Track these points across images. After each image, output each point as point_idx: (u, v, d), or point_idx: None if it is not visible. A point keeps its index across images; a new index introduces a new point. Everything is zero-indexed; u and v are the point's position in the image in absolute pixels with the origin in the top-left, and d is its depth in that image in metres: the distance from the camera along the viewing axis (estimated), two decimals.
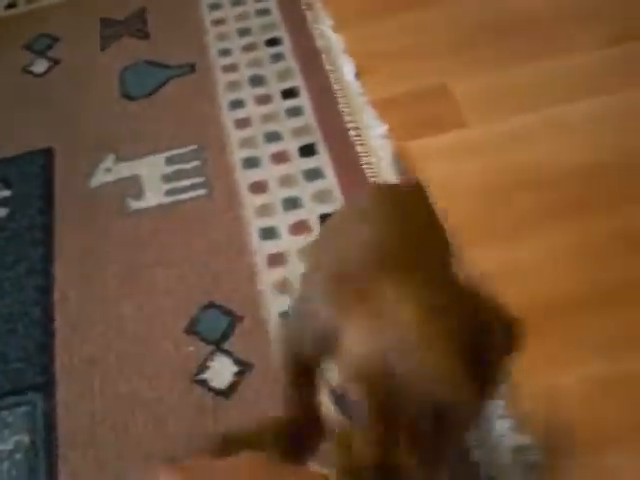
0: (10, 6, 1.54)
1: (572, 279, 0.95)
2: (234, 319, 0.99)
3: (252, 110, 1.23)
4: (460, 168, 1.10)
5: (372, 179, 1.10)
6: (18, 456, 0.94)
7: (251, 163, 1.16)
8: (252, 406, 0.91)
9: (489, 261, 0.93)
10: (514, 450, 0.82)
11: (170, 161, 1.19)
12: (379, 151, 1.13)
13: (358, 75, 1.24)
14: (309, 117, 1.20)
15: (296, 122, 1.20)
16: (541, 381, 0.84)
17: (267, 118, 1.22)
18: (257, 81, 1.28)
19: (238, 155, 1.17)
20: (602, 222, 1.00)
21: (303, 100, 1.22)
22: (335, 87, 1.24)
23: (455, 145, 1.14)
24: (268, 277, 1.02)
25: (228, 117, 1.23)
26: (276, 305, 0.99)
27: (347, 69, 1.25)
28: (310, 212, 1.08)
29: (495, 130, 1.15)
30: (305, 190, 1.11)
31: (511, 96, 1.18)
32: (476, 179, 1.08)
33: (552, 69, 1.21)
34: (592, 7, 1.29)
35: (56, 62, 1.40)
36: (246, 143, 1.19)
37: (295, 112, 1.21)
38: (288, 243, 1.05)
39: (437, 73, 1.23)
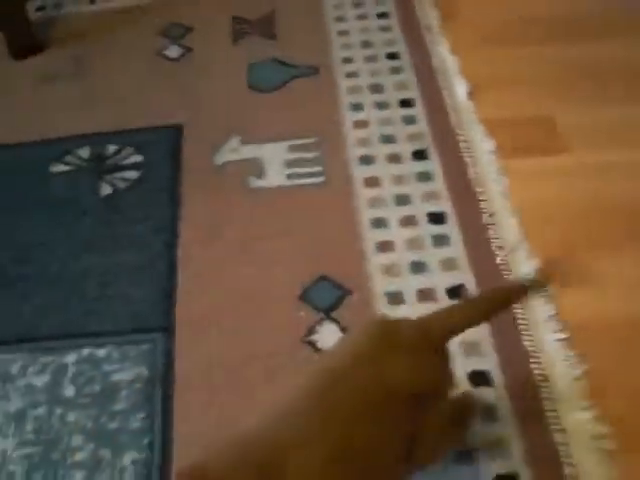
0: None
1: None
2: (343, 293, 1.08)
3: (370, 113, 1.34)
4: (557, 191, 1.19)
5: (475, 187, 1.19)
6: (137, 386, 1.03)
7: (366, 160, 1.26)
8: None
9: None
10: None
11: (291, 149, 1.30)
12: (485, 164, 1.22)
13: (470, 95, 1.34)
14: (422, 125, 1.30)
15: (410, 129, 1.30)
16: None
17: (384, 122, 1.32)
18: (376, 89, 1.39)
19: (355, 152, 1.28)
20: None
21: (418, 110, 1.33)
22: (448, 102, 1.34)
23: (553, 169, 1.23)
24: (376, 260, 1.12)
25: (347, 117, 1.34)
26: (382, 285, 1.08)
27: (460, 89, 1.35)
28: (418, 209, 1.18)
29: (593, 160, 1.24)
30: (415, 189, 1.21)
31: (610, 132, 1.27)
32: (573, 202, 1.17)
33: None
34: None
35: (188, 50, 1.53)
36: (363, 142, 1.29)
37: (410, 120, 1.32)
38: (396, 233, 1.15)
39: (543, 103, 1.32)
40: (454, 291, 1.07)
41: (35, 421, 1.02)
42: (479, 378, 0.98)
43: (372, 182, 1.23)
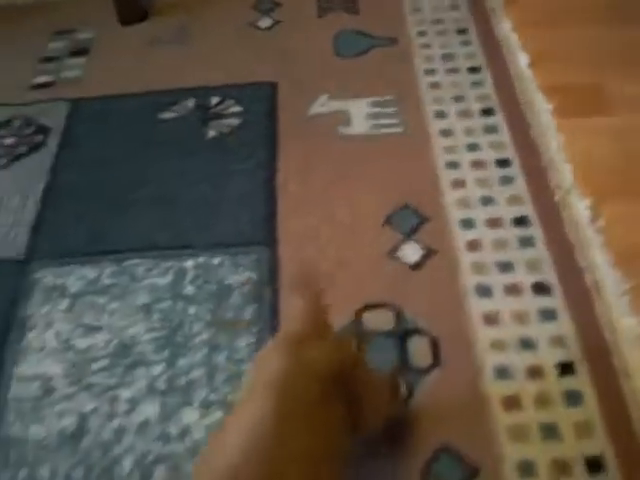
0: None
1: None
2: (423, 219, 1.27)
3: (443, 78, 1.53)
4: (605, 145, 1.37)
5: (535, 140, 1.38)
6: (247, 287, 1.23)
7: (440, 115, 1.45)
8: (432, 278, 1.19)
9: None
10: None
11: (373, 104, 1.49)
12: (543, 122, 1.41)
13: (530, 65, 1.53)
14: (489, 88, 1.50)
15: (478, 90, 1.49)
16: None
17: (455, 84, 1.51)
18: (448, 57, 1.58)
19: (429, 108, 1.47)
20: None
21: (485, 75, 1.52)
22: (511, 70, 1.53)
23: (601, 128, 1.41)
24: (451, 195, 1.30)
25: (422, 80, 1.53)
26: (455, 214, 1.27)
27: (521, 59, 1.54)
28: (486, 155, 1.37)
29: (637, 122, 1.42)
30: (484, 139, 1.39)
31: None
32: (616, 155, 1.34)
33: None
34: None
35: (278, 22, 1.73)
36: (436, 100, 1.48)
37: (477, 83, 1.51)
38: (467, 173, 1.34)
39: (594, 73, 1.50)
40: (519, 220, 1.26)
41: (160, 312, 1.21)
42: (541, 289, 1.16)
43: (446, 133, 1.42)
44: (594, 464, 0.98)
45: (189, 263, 1.26)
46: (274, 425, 0.71)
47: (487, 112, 1.45)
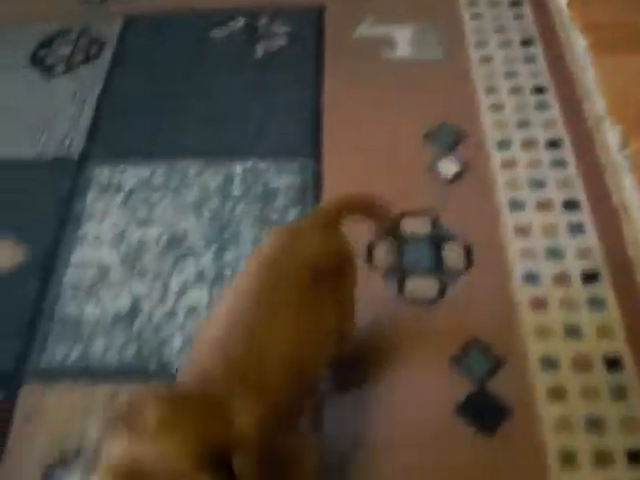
0: None
1: None
2: (460, 138, 1.34)
3: (485, 10, 1.59)
4: (631, 77, 1.43)
5: (572, 71, 1.44)
6: (291, 192, 1.30)
7: (480, 45, 1.52)
8: (467, 192, 1.26)
9: None
10: None
11: (417, 31, 1.55)
12: (580, 56, 1.46)
13: (569, 4, 1.58)
14: (529, 22, 1.56)
15: (519, 23, 1.56)
16: None
17: (495, 17, 1.58)
18: None
19: (470, 38, 1.53)
20: None
21: (526, 10, 1.58)
22: (551, 7, 1.58)
23: (632, 63, 1.46)
24: (488, 118, 1.37)
25: (465, 11, 1.60)
26: (493, 135, 1.34)
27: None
28: (524, 83, 1.43)
29: None
30: (522, 68, 1.46)
31: None
32: None
33: None
34: None
35: None
36: (477, 31, 1.55)
37: (518, 16, 1.57)
38: (505, 99, 1.40)
39: (629, 13, 1.55)
40: (552, 143, 1.32)
41: (209, 210, 1.29)
42: (570, 205, 1.23)
43: (485, 60, 1.48)
44: (612, 363, 1.05)
45: (237, 168, 1.34)
46: (258, 301, 0.79)
47: (527, 43, 1.50)
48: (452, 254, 1.18)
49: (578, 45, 1.49)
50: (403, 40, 1.52)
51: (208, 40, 1.58)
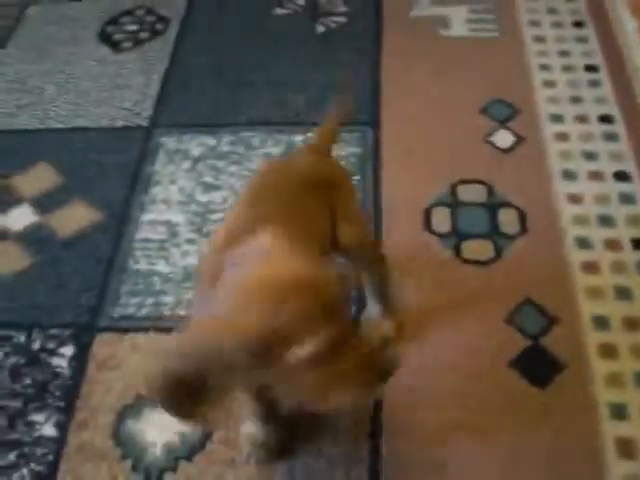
0: None
1: None
2: (515, 111, 1.39)
3: None
4: None
5: (623, 51, 1.48)
6: (352, 160, 1.36)
7: (534, 23, 1.58)
8: (522, 162, 1.31)
9: None
10: None
11: (471, 10, 1.60)
12: (630, 35, 1.51)
13: None
14: (583, 6, 1.60)
15: (571, 5, 1.60)
16: None
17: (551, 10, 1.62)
18: None
19: (525, 17, 1.59)
20: None
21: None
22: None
23: None
24: (542, 93, 1.42)
25: None
26: (546, 109, 1.39)
27: None
28: (576, 61, 1.49)
29: None
30: (574, 47, 1.52)
31: None
32: None
33: None
34: None
35: None
36: (531, 11, 1.61)
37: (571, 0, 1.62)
38: (558, 76, 1.45)
39: None
40: (604, 118, 1.37)
41: None
42: (621, 177, 1.27)
43: (538, 39, 1.53)
44: None
45: (299, 137, 1.40)
46: (253, 207, 0.82)
47: (578, 24, 1.55)
48: (507, 219, 1.23)
49: (628, 26, 1.54)
50: (458, 19, 1.58)
51: (271, 17, 1.65)
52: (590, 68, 1.45)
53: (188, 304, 1.15)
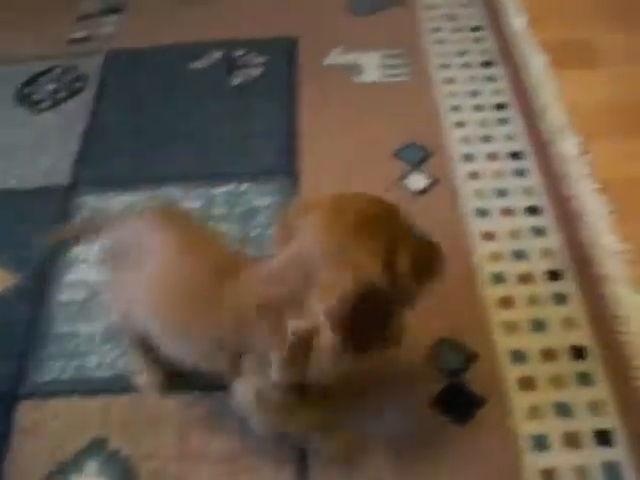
0: None
1: None
2: (428, 154, 1.42)
3: (448, 35, 1.69)
4: (588, 90, 1.54)
5: (531, 89, 1.53)
6: (272, 210, 1.37)
7: (444, 66, 1.61)
8: (436, 202, 1.34)
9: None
10: None
11: (384, 56, 1.64)
12: (538, 71, 1.56)
13: (528, 23, 1.69)
14: (490, 44, 1.66)
15: (480, 46, 1.66)
16: None
17: (459, 41, 1.68)
18: (451, 17, 1.74)
19: (435, 60, 1.62)
20: None
21: (486, 33, 1.69)
22: (509, 29, 1.68)
23: (589, 76, 1.57)
24: (453, 134, 1.46)
25: (428, 37, 1.69)
26: (458, 149, 1.42)
27: (519, 19, 1.70)
28: (487, 99, 1.53)
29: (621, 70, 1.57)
30: (484, 88, 1.56)
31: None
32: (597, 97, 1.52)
33: None
34: None
35: None
36: (442, 55, 1.64)
37: (479, 39, 1.68)
38: (468, 116, 1.49)
39: (588, 29, 1.66)
40: (514, 154, 1.42)
41: None
42: (533, 211, 1.31)
43: (449, 81, 1.58)
44: (578, 352, 1.12)
45: (219, 189, 1.41)
46: None
47: (487, 64, 1.60)
48: None
49: (537, 61, 1.59)
50: (371, 66, 1.62)
51: (187, 72, 1.67)
52: (500, 106, 1.50)
53: None
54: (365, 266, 0.74)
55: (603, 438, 1.04)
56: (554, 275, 1.22)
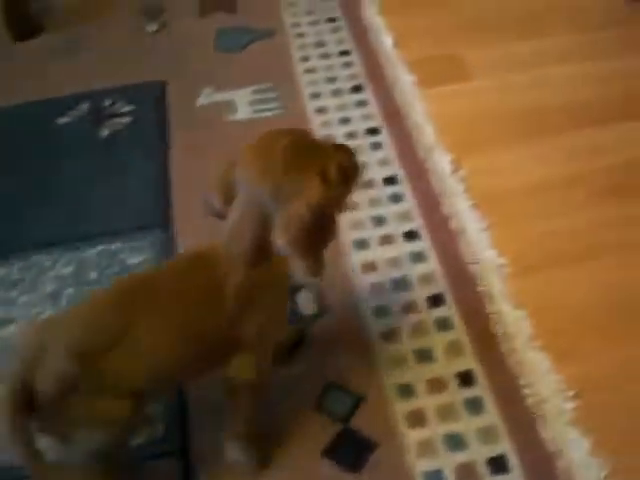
0: None
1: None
2: None
3: (316, 63, 1.67)
4: (457, 106, 1.54)
5: (401, 108, 1.52)
6: (146, 265, 1.32)
7: (315, 96, 1.59)
8: None
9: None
10: None
11: (255, 92, 1.61)
12: (408, 92, 1.56)
13: (395, 43, 1.68)
14: (358, 68, 1.64)
15: (348, 71, 1.65)
16: None
17: (328, 68, 1.66)
18: (320, 44, 1.72)
19: (306, 90, 1.60)
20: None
21: (354, 57, 1.67)
22: (378, 49, 1.67)
23: (460, 92, 1.57)
24: None
25: (298, 67, 1.66)
26: None
27: (386, 39, 1.69)
28: (358, 125, 1.51)
29: (490, 84, 1.58)
30: (354, 112, 1.54)
31: (502, 64, 1.62)
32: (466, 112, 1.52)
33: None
34: None
35: (164, 25, 1.84)
36: (312, 83, 1.62)
37: (348, 64, 1.66)
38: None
39: (455, 45, 1.66)
40: (388, 180, 1.40)
41: (67, 298, 1.30)
42: (411, 236, 1.29)
43: (320, 111, 1.55)
44: (466, 378, 1.11)
45: (91, 251, 1.35)
46: None
47: (357, 89, 1.59)
48: (306, 301, 1.22)
49: (405, 81, 1.58)
50: (243, 103, 1.59)
51: (55, 128, 1.61)
52: (372, 131, 1.49)
53: None
54: (309, 189, 0.82)
55: (498, 465, 1.03)
56: (436, 300, 1.20)
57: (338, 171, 0.86)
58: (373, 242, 1.30)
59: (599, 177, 1.37)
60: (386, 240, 1.30)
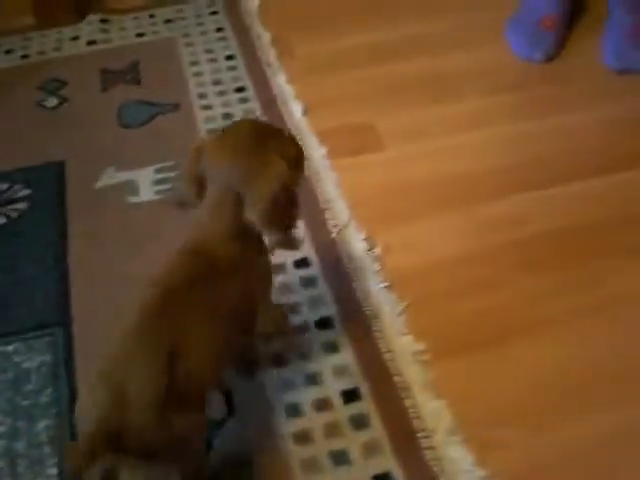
0: (24, 57, 1.91)
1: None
2: None
3: None
4: (370, 177, 1.50)
5: (312, 183, 1.47)
6: (44, 369, 1.24)
7: None
8: None
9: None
10: None
11: (158, 171, 1.55)
12: (319, 165, 1.51)
13: (305, 113, 1.64)
14: None
15: None
16: None
17: None
18: (228, 116, 1.67)
19: None
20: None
21: None
22: (287, 120, 1.62)
23: (372, 163, 1.54)
24: None
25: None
26: None
27: (296, 109, 1.65)
28: None
29: (402, 153, 1.55)
30: None
31: (413, 131, 1.59)
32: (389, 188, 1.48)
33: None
34: None
35: (65, 100, 1.76)
36: None
37: None
38: None
39: (366, 113, 1.63)
40: (299, 263, 1.34)
41: None
42: (325, 324, 1.24)
43: None
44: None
45: None
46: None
47: None
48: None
49: (316, 154, 1.53)
50: (146, 183, 1.52)
51: None
52: None
53: None
54: (274, 167, 0.94)
55: None
56: (349, 395, 1.14)
57: (295, 153, 1.00)
58: None
59: (510, 251, 1.34)
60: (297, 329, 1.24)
